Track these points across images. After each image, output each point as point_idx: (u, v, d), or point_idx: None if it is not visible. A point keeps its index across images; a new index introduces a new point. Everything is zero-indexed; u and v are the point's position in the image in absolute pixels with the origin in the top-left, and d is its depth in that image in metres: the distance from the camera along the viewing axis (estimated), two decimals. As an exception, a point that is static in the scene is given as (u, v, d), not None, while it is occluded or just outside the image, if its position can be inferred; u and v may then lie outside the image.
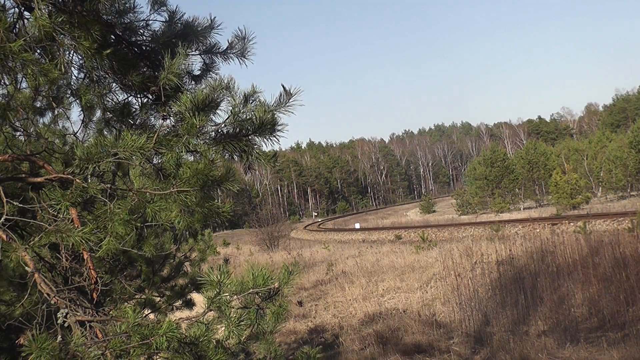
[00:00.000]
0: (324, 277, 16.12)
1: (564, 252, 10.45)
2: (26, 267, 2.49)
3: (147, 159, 2.54)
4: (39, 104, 3.56)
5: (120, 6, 2.84)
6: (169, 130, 2.57)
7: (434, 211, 62.18)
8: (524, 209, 46.75)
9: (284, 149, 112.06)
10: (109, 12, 2.78)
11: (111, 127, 3.23)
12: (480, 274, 11.12)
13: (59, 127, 3.93)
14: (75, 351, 2.23)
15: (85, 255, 2.76)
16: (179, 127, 2.48)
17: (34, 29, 2.35)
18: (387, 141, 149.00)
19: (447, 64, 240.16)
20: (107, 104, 3.12)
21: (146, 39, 3.02)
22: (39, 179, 2.74)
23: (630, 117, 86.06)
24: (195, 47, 3.04)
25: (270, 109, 2.48)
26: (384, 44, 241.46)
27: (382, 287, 13.06)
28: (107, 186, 2.59)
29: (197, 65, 3.10)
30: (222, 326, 2.54)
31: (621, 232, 12.82)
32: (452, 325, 8.85)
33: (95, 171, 2.50)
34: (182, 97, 2.42)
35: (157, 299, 5.77)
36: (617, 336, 6.86)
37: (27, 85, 3.12)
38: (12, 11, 2.58)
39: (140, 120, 3.08)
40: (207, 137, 2.51)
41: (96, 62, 2.66)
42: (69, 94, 3.30)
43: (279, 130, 2.54)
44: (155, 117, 3.02)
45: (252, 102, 2.51)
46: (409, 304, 10.82)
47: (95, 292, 2.77)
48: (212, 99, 2.42)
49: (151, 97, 2.93)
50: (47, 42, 2.41)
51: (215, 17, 3.01)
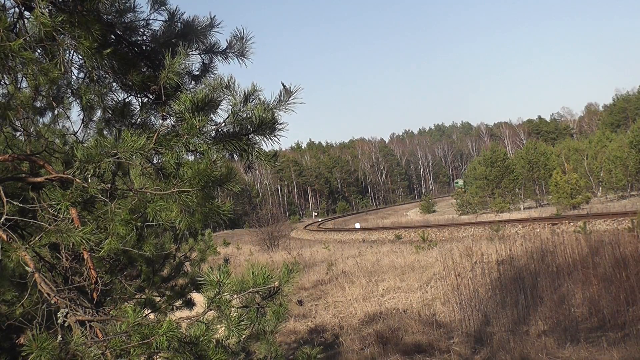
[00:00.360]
0: (324, 277, 16.12)
1: (564, 252, 10.45)
2: (26, 267, 2.49)
3: (147, 158, 2.54)
4: (39, 104, 3.56)
5: (120, 6, 2.84)
6: (169, 130, 2.57)
7: (434, 211, 62.18)
8: (524, 208, 46.75)
9: (284, 149, 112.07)
10: (109, 11, 2.78)
11: (111, 126, 3.23)
12: (480, 274, 11.12)
13: (59, 126, 3.93)
14: (75, 351, 2.23)
15: (85, 255, 2.76)
16: (179, 126, 2.48)
17: (34, 29, 2.35)
18: (387, 141, 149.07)
19: (447, 64, 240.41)
20: (107, 103, 3.12)
21: (146, 39, 3.02)
22: (39, 179, 2.74)
23: (630, 117, 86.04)
24: (195, 47, 3.05)
25: (270, 107, 2.47)
26: (384, 44, 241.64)
27: (382, 287, 13.06)
28: (107, 186, 2.59)
29: (197, 64, 3.11)
30: (222, 326, 2.54)
31: (621, 232, 12.81)
32: (452, 325, 8.85)
33: (95, 171, 2.50)
34: (182, 96, 2.42)
35: (157, 299, 5.77)
36: (617, 336, 6.86)
37: (27, 84, 3.12)
38: (13, 11, 2.58)
39: (140, 120, 3.08)
40: (207, 137, 2.51)
41: (96, 61, 2.66)
42: (69, 94, 3.29)
43: (279, 129, 2.54)
44: (155, 116, 3.02)
45: (252, 100, 2.51)
46: (409, 304, 10.82)
47: (95, 292, 2.77)
48: (212, 98, 2.42)
49: (151, 96, 2.92)
50: (47, 41, 2.41)
51: (215, 17, 3.02)
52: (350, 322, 10.36)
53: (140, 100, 3.05)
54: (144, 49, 2.99)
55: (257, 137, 2.56)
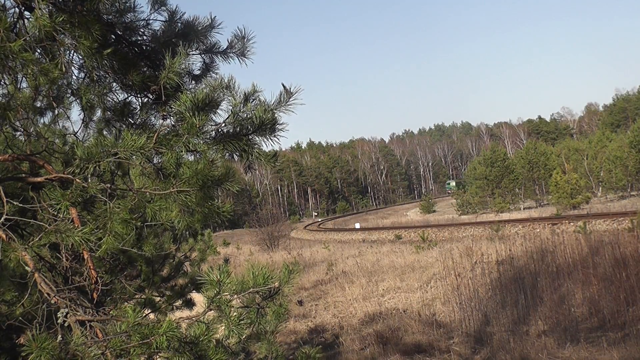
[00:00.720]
0: (324, 277, 16.12)
1: (564, 252, 10.45)
2: (26, 267, 2.49)
3: (147, 158, 2.54)
4: (39, 104, 3.56)
5: (120, 6, 2.84)
6: (169, 129, 2.57)
7: (434, 211, 62.15)
8: (524, 208, 46.74)
9: (284, 149, 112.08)
10: (109, 11, 2.78)
11: (111, 126, 3.23)
12: (480, 274, 11.12)
13: (59, 126, 3.93)
14: (75, 351, 2.23)
15: (85, 255, 2.76)
16: (179, 126, 2.48)
17: (35, 29, 2.35)
18: (387, 141, 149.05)
19: (447, 64, 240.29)
20: (108, 103, 3.12)
21: (146, 39, 3.02)
22: (39, 179, 2.74)
23: (630, 117, 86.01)
24: (195, 47, 3.04)
25: (270, 108, 2.47)
26: (384, 44, 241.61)
27: (382, 287, 13.06)
28: (107, 186, 2.59)
29: (197, 64, 3.11)
30: (223, 326, 2.54)
31: (621, 232, 12.82)
32: (452, 325, 8.85)
33: (95, 171, 2.50)
34: (182, 96, 2.42)
35: (157, 299, 5.77)
36: (617, 336, 6.86)
37: (27, 85, 3.12)
38: (13, 11, 2.58)
39: (140, 119, 3.08)
40: (207, 137, 2.51)
41: (96, 61, 2.66)
42: (69, 94, 3.29)
43: (279, 129, 2.54)
44: (155, 116, 3.02)
45: (253, 101, 2.51)
46: (409, 304, 10.82)
47: (95, 291, 2.77)
48: (212, 98, 2.42)
49: (151, 96, 2.92)
50: (47, 41, 2.41)
51: (215, 17, 3.02)
52: (350, 322, 10.36)
53: (140, 100, 3.05)
54: (144, 48, 2.99)
55: (257, 138, 2.56)
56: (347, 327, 10.01)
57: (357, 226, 47.48)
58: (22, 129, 3.58)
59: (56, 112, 3.72)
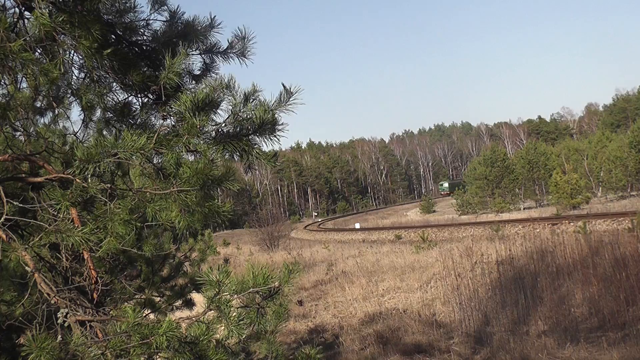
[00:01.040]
0: (324, 277, 16.12)
1: (564, 252, 10.45)
2: (26, 267, 2.49)
3: (147, 158, 2.54)
4: (39, 104, 3.56)
5: (120, 6, 2.84)
6: (169, 130, 2.57)
7: (434, 211, 62.12)
8: (524, 209, 46.73)
9: (284, 149, 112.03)
10: (110, 11, 2.78)
11: (111, 126, 3.22)
12: (480, 274, 11.12)
13: (59, 127, 3.93)
14: (75, 351, 2.23)
15: (85, 255, 2.77)
16: (179, 126, 2.48)
17: (35, 29, 2.35)
18: (387, 141, 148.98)
19: (447, 64, 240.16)
20: (108, 103, 3.12)
21: (146, 39, 3.02)
22: (39, 179, 2.74)
23: (630, 117, 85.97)
24: (195, 47, 3.04)
25: (270, 108, 2.47)
26: (384, 44, 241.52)
27: (382, 287, 13.06)
28: (107, 186, 2.59)
29: (198, 64, 3.11)
30: (222, 326, 2.54)
31: (621, 232, 12.82)
32: (452, 325, 8.85)
33: (95, 170, 2.50)
34: (182, 96, 2.42)
35: (157, 299, 5.77)
36: (617, 336, 6.86)
37: (27, 85, 3.12)
38: (13, 11, 2.58)
39: (140, 120, 3.08)
40: (208, 137, 2.51)
41: (96, 61, 2.66)
42: (69, 94, 3.29)
43: (279, 129, 2.54)
44: (155, 116, 3.02)
45: (253, 101, 2.51)
46: (409, 304, 10.82)
47: (95, 291, 2.77)
48: (212, 98, 2.42)
49: (152, 96, 2.92)
50: (47, 41, 2.41)
51: (215, 17, 3.02)
52: (350, 322, 10.36)
53: (140, 100, 3.05)
54: (144, 48, 2.99)
55: (257, 138, 2.56)
56: (347, 327, 10.01)
57: (357, 226, 47.48)
58: (22, 129, 3.59)
59: (56, 112, 3.72)
